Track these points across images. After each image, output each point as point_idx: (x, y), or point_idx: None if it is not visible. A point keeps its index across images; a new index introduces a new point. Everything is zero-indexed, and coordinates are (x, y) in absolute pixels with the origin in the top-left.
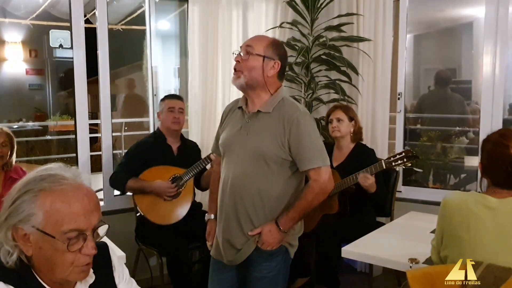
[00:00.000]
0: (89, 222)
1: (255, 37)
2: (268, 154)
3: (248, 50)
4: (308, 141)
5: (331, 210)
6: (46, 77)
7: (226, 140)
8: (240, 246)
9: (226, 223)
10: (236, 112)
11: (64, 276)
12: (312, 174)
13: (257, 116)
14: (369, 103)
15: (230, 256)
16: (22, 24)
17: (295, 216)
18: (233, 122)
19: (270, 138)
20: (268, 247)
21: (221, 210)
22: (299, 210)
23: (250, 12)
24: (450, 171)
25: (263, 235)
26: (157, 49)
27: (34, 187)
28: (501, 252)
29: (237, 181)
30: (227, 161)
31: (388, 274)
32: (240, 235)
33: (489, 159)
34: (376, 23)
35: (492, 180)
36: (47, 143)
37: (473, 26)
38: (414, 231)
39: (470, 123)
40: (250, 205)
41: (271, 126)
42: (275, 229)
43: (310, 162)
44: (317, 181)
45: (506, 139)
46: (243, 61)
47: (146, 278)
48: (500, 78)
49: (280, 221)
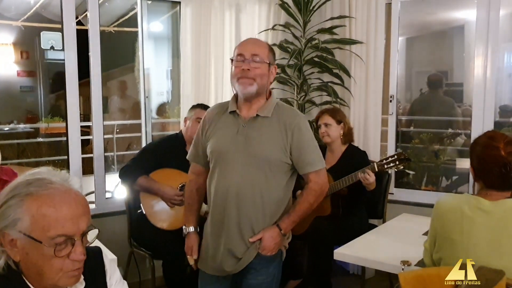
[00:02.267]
0: (77, 227)
1: (255, 44)
2: (272, 159)
3: (256, 59)
4: (309, 145)
5: (323, 212)
6: (37, 79)
7: (219, 148)
8: (241, 255)
9: (227, 233)
10: (227, 117)
11: (53, 282)
12: (312, 176)
13: (256, 120)
14: (361, 106)
15: (230, 267)
16: (13, 26)
17: (296, 219)
18: (225, 128)
19: (272, 143)
20: (268, 253)
21: (221, 220)
22: (300, 212)
23: (243, 14)
24: (442, 173)
25: (264, 241)
26: (150, 51)
27: (21, 191)
28: (494, 254)
29: (241, 189)
30: (223, 168)
31: (381, 276)
32: (241, 243)
33: (481, 162)
34: (369, 25)
35: (485, 183)
36: (38, 145)
37: (465, 29)
38: (406, 233)
39: (460, 125)
40: (253, 212)
41: (272, 131)
42: (277, 233)
43: (312, 165)
44: (318, 183)
45: (496, 141)
46: (253, 69)
47: (137, 282)
48: (492, 81)
49: (282, 225)
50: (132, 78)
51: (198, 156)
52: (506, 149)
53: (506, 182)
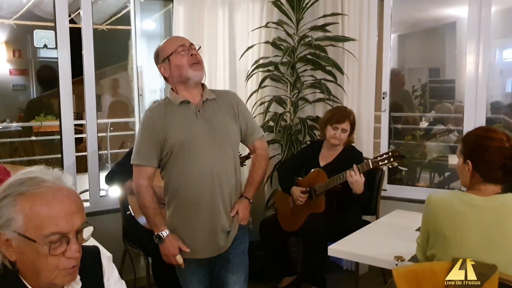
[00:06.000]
0: (71, 225)
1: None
2: (233, 134)
3: (196, 47)
4: (250, 115)
5: (317, 209)
6: (30, 77)
7: (183, 136)
8: (229, 228)
9: (218, 212)
10: (177, 109)
11: (49, 280)
12: (258, 143)
13: (207, 104)
14: (354, 102)
15: (223, 241)
16: (5, 24)
17: (257, 186)
18: (180, 118)
19: (229, 120)
20: (245, 222)
21: (204, 204)
22: (260, 180)
23: (236, 12)
24: (434, 169)
25: (241, 212)
26: (142, 49)
27: (13, 191)
28: (487, 249)
29: (220, 168)
30: (193, 155)
31: (374, 272)
32: (227, 218)
33: (482, 154)
34: (361, 23)
35: (483, 175)
36: (31, 144)
37: (456, 26)
38: (399, 229)
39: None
40: (233, 187)
41: (223, 110)
42: (248, 203)
43: (258, 132)
44: (264, 148)
45: (497, 134)
46: (199, 56)
47: (132, 279)
48: (483, 77)
49: (249, 195)
50: (125, 76)
51: (152, 158)
52: (509, 142)
53: (507, 173)
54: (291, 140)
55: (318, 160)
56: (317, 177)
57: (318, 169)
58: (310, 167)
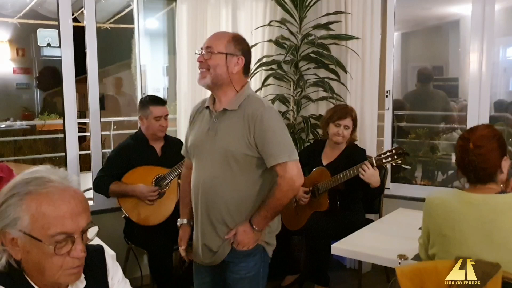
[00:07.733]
0: (76, 225)
1: (214, 36)
2: (237, 153)
3: (209, 51)
4: (272, 136)
5: (321, 208)
6: (33, 76)
7: (195, 142)
8: (216, 248)
9: (202, 227)
10: (204, 113)
11: (54, 279)
12: (278, 170)
13: (224, 114)
14: (357, 101)
15: (207, 259)
16: (9, 23)
17: (266, 214)
18: (200, 123)
19: (237, 136)
20: (244, 247)
21: (196, 214)
22: (269, 208)
23: (239, 10)
24: (438, 167)
25: (237, 236)
26: (146, 47)
27: (20, 190)
28: (487, 248)
29: (208, 184)
30: (197, 164)
31: (377, 271)
32: (216, 238)
33: (456, 155)
34: (364, 21)
35: (465, 176)
36: (35, 142)
37: (460, 24)
38: (402, 227)
39: (455, 119)
40: (224, 207)
41: (237, 124)
42: (249, 228)
43: (275, 158)
44: (284, 177)
45: (470, 133)
46: (206, 60)
47: (136, 277)
48: (487, 76)
49: (253, 220)
50: (128, 74)
51: (187, 151)
52: (475, 142)
53: (477, 174)
54: (294, 139)
55: (321, 158)
56: (320, 175)
57: (321, 168)
58: (313, 165)
